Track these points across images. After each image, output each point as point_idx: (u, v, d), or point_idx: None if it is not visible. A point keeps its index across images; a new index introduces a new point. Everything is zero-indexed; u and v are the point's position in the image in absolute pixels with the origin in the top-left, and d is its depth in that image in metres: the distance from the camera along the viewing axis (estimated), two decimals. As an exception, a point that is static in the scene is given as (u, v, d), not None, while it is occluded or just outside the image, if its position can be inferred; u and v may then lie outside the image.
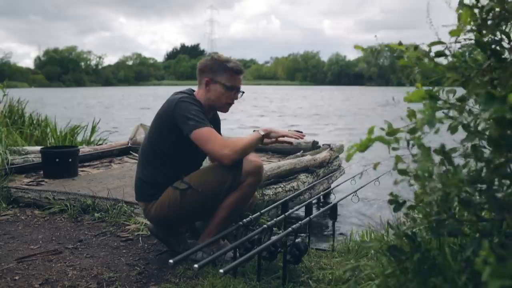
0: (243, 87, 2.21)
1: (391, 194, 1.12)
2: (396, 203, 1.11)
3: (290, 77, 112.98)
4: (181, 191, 2.03)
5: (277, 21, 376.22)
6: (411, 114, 0.99)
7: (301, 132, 2.18)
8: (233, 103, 2.18)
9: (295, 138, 2.13)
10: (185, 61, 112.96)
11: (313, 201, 2.67)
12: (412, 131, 0.97)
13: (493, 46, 1.03)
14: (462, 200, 0.96)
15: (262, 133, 2.08)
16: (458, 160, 1.03)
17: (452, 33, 1.03)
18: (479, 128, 0.95)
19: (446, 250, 1.07)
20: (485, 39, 1.03)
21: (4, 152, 3.80)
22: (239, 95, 2.18)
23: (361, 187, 2.79)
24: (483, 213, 1.08)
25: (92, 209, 2.95)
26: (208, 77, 2.10)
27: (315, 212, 2.40)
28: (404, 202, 1.12)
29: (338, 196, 4.45)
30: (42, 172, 3.79)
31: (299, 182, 3.51)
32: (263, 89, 63.05)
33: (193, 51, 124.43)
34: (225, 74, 2.09)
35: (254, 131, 2.11)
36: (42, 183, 3.50)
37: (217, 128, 2.28)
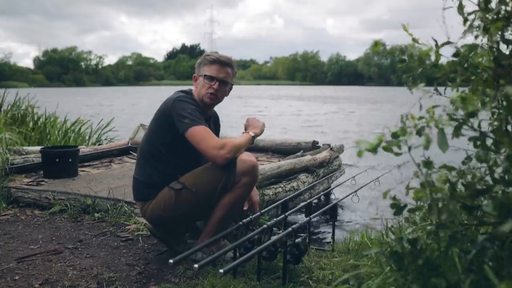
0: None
1: (393, 198, 1.11)
2: (397, 207, 1.10)
3: (290, 77, 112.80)
4: (175, 191, 2.04)
5: (281, 20, 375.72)
6: (426, 143, 0.95)
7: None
8: (214, 92, 2.13)
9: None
10: (185, 61, 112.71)
11: (313, 201, 2.67)
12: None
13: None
14: (465, 206, 0.95)
15: (252, 134, 2.11)
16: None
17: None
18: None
19: (453, 252, 1.05)
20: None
21: (4, 152, 3.80)
22: (228, 88, 2.20)
23: (361, 187, 2.79)
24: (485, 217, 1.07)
25: (92, 209, 2.95)
26: (196, 73, 2.20)
27: (315, 212, 2.40)
28: (405, 205, 1.11)
29: (338, 196, 4.45)
30: (42, 172, 3.79)
31: (299, 182, 3.51)
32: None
33: (193, 51, 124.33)
34: (206, 66, 2.16)
35: (243, 133, 2.13)
36: (42, 183, 3.50)
37: (216, 131, 2.31)
